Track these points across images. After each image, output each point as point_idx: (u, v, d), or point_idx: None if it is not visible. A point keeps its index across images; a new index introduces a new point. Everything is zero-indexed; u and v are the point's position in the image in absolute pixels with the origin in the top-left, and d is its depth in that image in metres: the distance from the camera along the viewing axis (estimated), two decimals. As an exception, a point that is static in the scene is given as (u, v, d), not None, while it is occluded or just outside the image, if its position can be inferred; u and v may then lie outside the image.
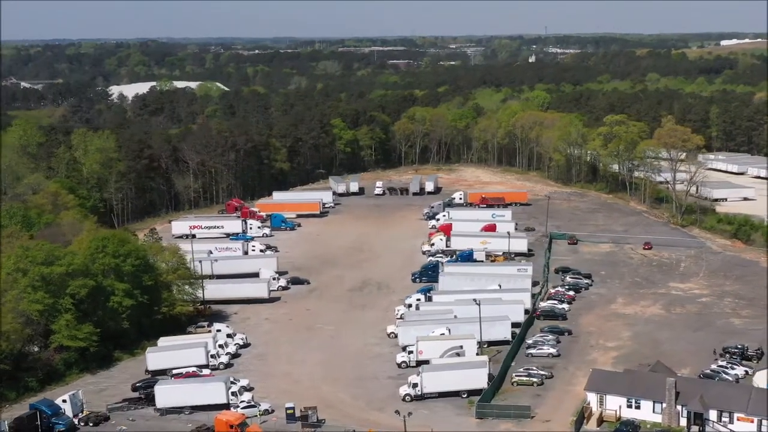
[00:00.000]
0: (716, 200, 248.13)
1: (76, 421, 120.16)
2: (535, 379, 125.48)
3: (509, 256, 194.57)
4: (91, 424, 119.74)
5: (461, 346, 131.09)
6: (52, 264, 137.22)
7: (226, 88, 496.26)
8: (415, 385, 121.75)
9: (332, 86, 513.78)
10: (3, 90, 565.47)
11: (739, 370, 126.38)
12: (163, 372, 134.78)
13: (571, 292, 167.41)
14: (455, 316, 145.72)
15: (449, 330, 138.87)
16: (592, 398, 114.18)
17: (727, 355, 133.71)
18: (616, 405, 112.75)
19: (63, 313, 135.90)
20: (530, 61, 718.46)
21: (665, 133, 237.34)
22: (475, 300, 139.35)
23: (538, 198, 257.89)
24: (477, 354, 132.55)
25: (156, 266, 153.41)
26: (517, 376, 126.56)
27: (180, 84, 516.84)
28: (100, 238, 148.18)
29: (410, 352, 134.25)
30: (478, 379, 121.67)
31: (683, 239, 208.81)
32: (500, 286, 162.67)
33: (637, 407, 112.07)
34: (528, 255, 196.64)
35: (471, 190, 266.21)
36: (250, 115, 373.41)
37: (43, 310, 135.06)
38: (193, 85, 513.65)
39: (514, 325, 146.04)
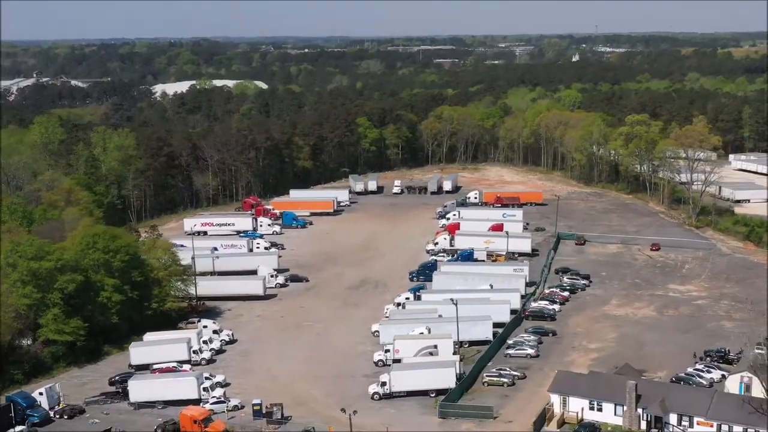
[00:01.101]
0: (738, 201, 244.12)
1: (51, 413, 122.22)
2: (505, 380, 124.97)
3: (512, 256, 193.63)
4: (65, 417, 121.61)
5: (435, 346, 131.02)
6: (41, 259, 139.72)
7: (265, 87, 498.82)
8: (383, 384, 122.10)
9: (371, 85, 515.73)
10: (49, 88, 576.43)
11: (716, 374, 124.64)
12: (146, 367, 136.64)
13: (566, 293, 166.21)
14: (440, 316, 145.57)
15: (429, 329, 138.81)
16: (556, 400, 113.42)
17: (708, 358, 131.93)
18: (578, 407, 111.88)
19: (51, 308, 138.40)
20: (573, 60, 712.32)
21: (682, 134, 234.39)
22: (452, 299, 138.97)
23: (555, 198, 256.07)
24: (454, 353, 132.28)
25: (147, 262, 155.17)
26: (488, 376, 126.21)
27: (221, 82, 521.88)
28: (91, 234, 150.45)
29: (387, 351, 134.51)
30: (446, 379, 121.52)
31: (693, 241, 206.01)
32: (491, 286, 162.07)
33: (599, 410, 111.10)
34: (532, 255, 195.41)
35: (491, 189, 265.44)
36: (285, 113, 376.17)
37: (32, 304, 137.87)
38: (232, 83, 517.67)
39: (499, 325, 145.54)
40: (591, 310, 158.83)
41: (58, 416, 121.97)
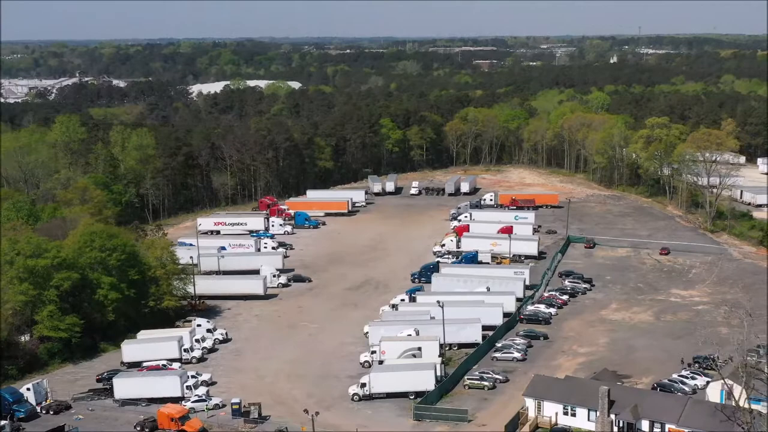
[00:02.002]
0: (760, 206, 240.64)
1: (38, 409, 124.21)
2: (486, 383, 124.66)
3: (518, 259, 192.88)
4: (51, 413, 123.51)
5: (419, 348, 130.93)
6: (38, 257, 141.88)
7: (296, 87, 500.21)
8: (363, 385, 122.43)
9: (405, 86, 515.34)
10: (89, 87, 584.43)
11: (700, 381, 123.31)
12: (138, 364, 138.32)
13: (565, 297, 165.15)
14: (432, 318, 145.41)
15: (417, 331, 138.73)
16: (531, 404, 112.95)
17: (696, 364, 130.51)
18: (552, 411, 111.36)
19: (47, 305, 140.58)
20: (611, 62, 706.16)
21: (699, 137, 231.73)
22: (438, 302, 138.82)
23: (572, 200, 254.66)
24: (440, 356, 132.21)
25: (144, 261, 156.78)
26: (469, 379, 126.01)
27: (254, 83, 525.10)
28: (89, 233, 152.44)
29: (373, 352, 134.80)
30: (425, 381, 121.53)
31: (703, 245, 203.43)
32: (488, 288, 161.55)
33: (573, 415, 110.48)
34: (539, 258, 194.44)
35: (510, 191, 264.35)
36: (314, 114, 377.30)
37: (28, 301, 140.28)
38: (264, 83, 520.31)
39: (492, 328, 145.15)
40: (588, 314, 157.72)
41: (44, 411, 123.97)
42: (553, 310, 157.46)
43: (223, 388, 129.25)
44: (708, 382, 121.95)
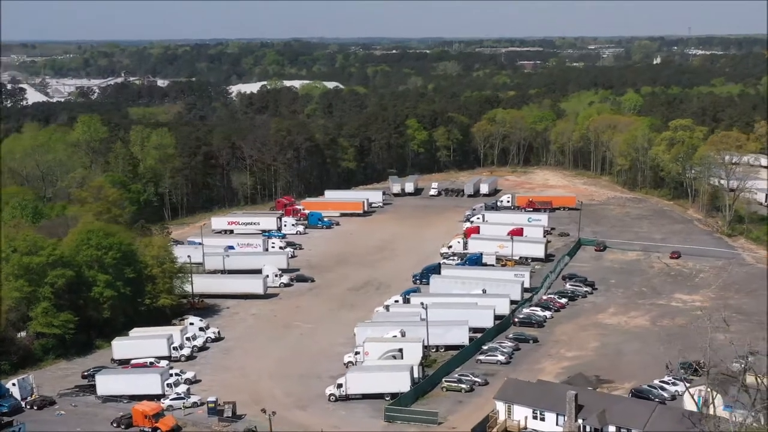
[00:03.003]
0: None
1: (23, 404, 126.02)
2: (464, 386, 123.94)
3: (525, 261, 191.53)
4: (35, 408, 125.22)
5: (400, 350, 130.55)
6: (33, 254, 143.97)
7: (330, 87, 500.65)
8: (340, 386, 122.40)
9: (442, 86, 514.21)
10: (130, 87, 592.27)
11: (681, 387, 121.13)
12: (128, 361, 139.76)
13: (563, 300, 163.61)
14: (422, 319, 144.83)
15: (403, 333, 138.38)
16: (501, 407, 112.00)
17: (682, 370, 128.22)
18: (522, 415, 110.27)
19: (41, 301, 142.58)
20: (655, 62, 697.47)
21: (718, 139, 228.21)
22: (422, 303, 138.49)
23: (592, 203, 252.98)
24: (422, 357, 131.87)
25: (141, 259, 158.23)
26: (447, 381, 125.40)
27: (293, 83, 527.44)
28: (86, 231, 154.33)
29: (357, 353, 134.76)
30: (401, 383, 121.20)
31: (716, 249, 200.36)
32: (484, 291, 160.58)
33: (542, 419, 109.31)
34: (546, 260, 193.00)
35: (532, 193, 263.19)
36: (346, 114, 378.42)
37: (23, 297, 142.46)
38: (300, 84, 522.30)
39: (481, 330, 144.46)
40: (583, 318, 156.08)
41: (28, 407, 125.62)
42: (548, 314, 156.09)
43: (206, 387, 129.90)
44: (687, 389, 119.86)
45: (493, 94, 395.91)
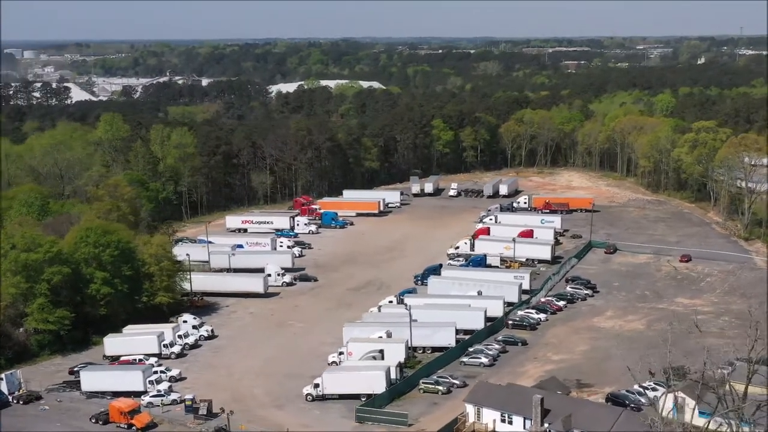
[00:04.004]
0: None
1: (10, 398, 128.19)
2: (441, 388, 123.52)
3: (531, 263, 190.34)
4: (21, 402, 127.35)
5: (381, 350, 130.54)
6: (31, 251, 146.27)
7: (364, 86, 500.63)
8: (317, 386, 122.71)
9: (480, 87, 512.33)
10: (172, 86, 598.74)
11: (660, 392, 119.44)
12: (119, 358, 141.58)
13: (561, 302, 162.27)
14: (415, 320, 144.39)
15: (389, 333, 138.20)
16: (471, 410, 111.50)
17: (666, 375, 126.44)
18: (491, 418, 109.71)
19: (38, 297, 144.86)
20: (699, 63, 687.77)
21: (737, 141, 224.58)
22: (406, 306, 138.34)
23: (611, 205, 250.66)
24: (405, 358, 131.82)
25: (139, 257, 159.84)
26: (424, 383, 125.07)
27: (331, 83, 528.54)
28: (84, 229, 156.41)
29: (341, 353, 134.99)
30: (376, 383, 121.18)
31: (728, 254, 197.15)
32: (480, 292, 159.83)
33: (510, 422, 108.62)
34: (552, 262, 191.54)
35: (552, 194, 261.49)
36: (379, 114, 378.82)
37: (19, 293, 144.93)
38: (334, 83, 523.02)
39: (471, 332, 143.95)
40: (579, 321, 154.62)
41: (15, 401, 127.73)
42: (543, 316, 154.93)
43: (190, 384, 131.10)
44: (663, 394, 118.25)
45: (522, 95, 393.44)
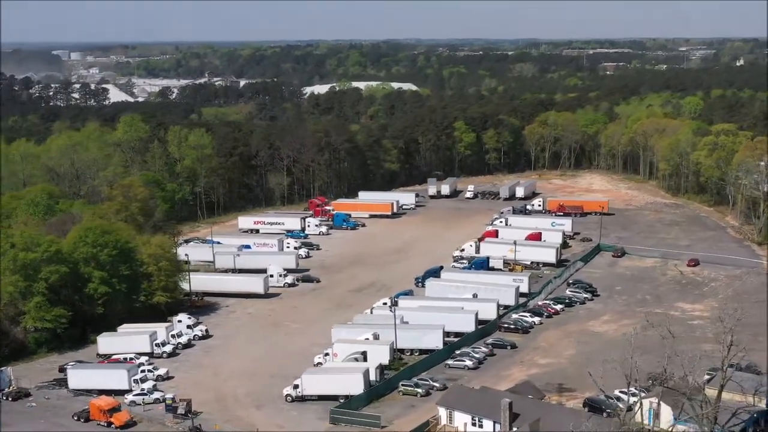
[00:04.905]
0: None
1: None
2: (419, 390, 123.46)
3: (535, 266, 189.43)
4: (10, 399, 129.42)
5: (363, 352, 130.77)
6: (29, 250, 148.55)
7: (394, 88, 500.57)
8: (296, 387, 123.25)
9: (513, 88, 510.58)
10: (207, 87, 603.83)
11: (636, 399, 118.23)
12: (111, 356, 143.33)
13: (559, 306, 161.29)
14: (406, 322, 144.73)
15: (376, 335, 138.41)
16: (443, 413, 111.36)
17: (650, 381, 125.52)
18: (462, 422, 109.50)
19: (35, 296, 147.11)
20: (737, 64, 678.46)
21: (753, 144, 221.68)
22: (390, 308, 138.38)
23: (628, 208, 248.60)
24: (390, 360, 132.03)
25: (137, 257, 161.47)
26: (403, 385, 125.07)
27: (362, 84, 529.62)
28: (84, 228, 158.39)
29: (326, 354, 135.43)
30: (354, 385, 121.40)
31: (737, 258, 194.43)
32: (475, 295, 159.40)
33: (480, 426, 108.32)
34: (557, 265, 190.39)
35: (571, 197, 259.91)
36: (407, 115, 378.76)
37: (17, 292, 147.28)
38: (364, 84, 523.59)
39: (461, 335, 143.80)
40: (573, 325, 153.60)
41: (4, 398, 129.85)
42: (536, 319, 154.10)
43: (176, 384, 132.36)
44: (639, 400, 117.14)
45: (548, 97, 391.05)
